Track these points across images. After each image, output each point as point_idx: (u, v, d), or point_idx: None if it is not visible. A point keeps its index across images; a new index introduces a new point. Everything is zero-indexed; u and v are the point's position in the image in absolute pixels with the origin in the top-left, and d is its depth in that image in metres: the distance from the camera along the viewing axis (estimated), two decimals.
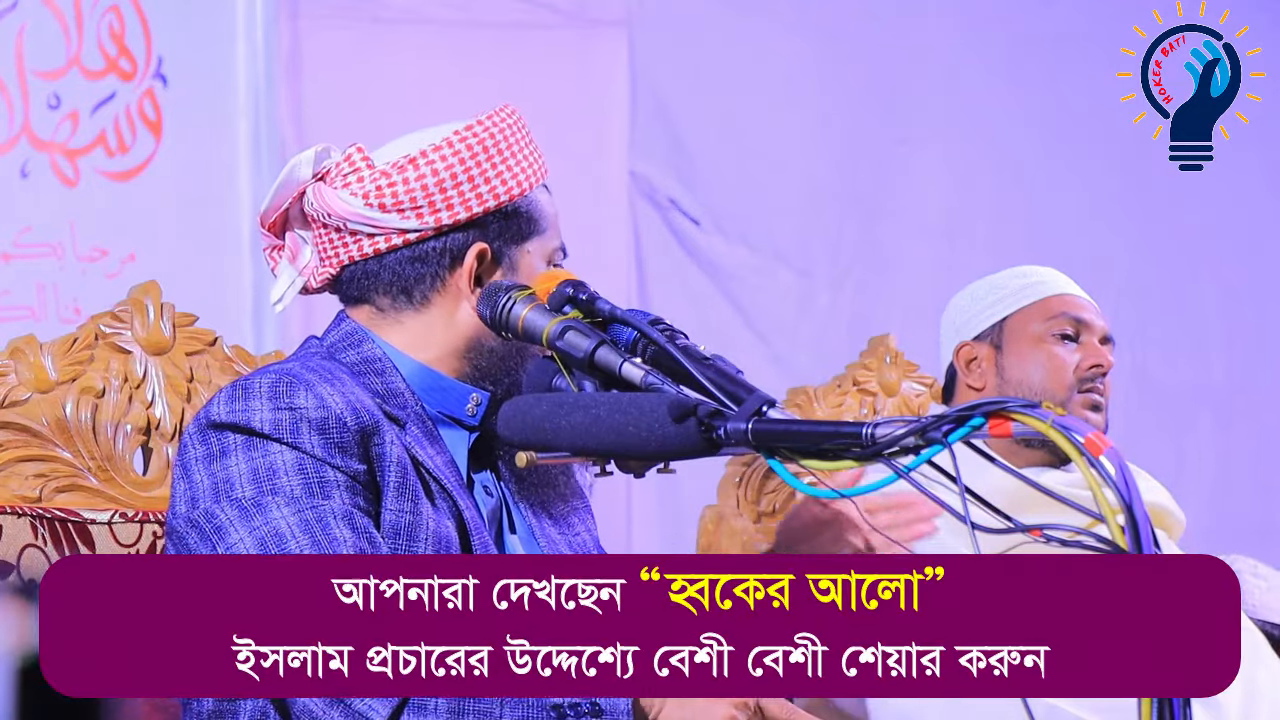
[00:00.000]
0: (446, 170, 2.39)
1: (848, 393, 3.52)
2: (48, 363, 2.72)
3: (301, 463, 2.28)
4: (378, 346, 2.42)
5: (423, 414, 2.40)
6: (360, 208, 2.38)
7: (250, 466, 2.28)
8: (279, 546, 2.23)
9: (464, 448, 2.43)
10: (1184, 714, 1.74)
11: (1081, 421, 1.77)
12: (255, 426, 2.29)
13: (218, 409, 2.32)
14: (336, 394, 2.31)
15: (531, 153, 2.46)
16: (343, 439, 2.29)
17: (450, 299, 2.42)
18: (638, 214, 4.91)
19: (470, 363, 2.43)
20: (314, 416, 2.29)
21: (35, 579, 2.59)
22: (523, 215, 2.43)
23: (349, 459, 2.29)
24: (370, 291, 2.44)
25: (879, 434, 1.85)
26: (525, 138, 2.46)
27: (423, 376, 2.42)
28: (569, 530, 2.51)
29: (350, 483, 2.28)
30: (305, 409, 2.29)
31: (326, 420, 2.29)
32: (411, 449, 2.35)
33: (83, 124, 4.14)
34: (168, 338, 2.81)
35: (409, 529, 2.31)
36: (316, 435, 2.28)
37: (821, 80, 5.10)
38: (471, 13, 4.70)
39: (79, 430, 2.72)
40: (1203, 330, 5.37)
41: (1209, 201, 5.26)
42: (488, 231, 2.42)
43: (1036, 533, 1.82)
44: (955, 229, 5.15)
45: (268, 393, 2.30)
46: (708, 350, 2.15)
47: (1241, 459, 5.36)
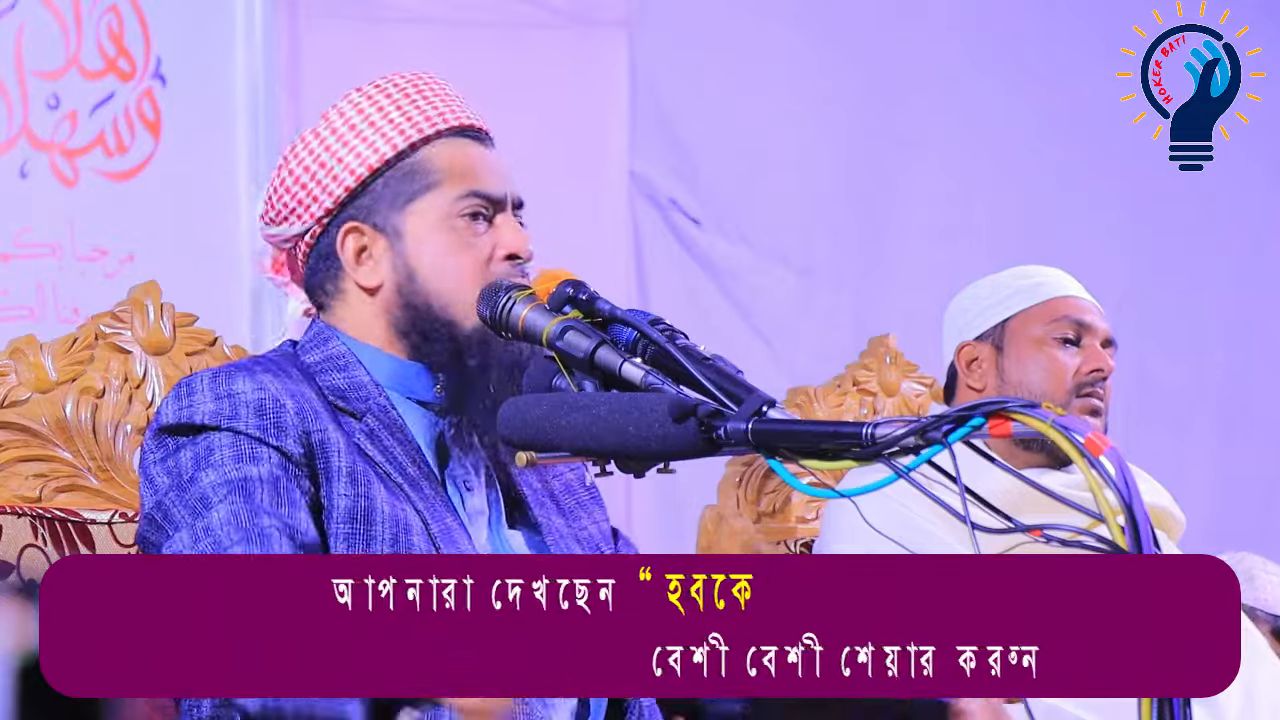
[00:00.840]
0: (300, 166, 2.46)
1: (848, 393, 3.52)
2: (48, 363, 2.72)
3: (236, 440, 2.31)
4: (341, 343, 2.45)
5: (388, 405, 2.41)
6: (266, 227, 2.51)
7: (193, 454, 2.32)
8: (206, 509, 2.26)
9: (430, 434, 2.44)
10: (1184, 714, 1.74)
11: (1081, 421, 1.77)
12: (198, 421, 2.33)
13: (166, 412, 2.37)
14: (277, 382, 2.35)
15: (398, 114, 2.45)
16: (280, 420, 2.32)
17: (354, 283, 2.45)
18: (638, 214, 4.91)
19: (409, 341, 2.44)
20: (251, 399, 2.33)
21: (35, 579, 2.59)
22: (402, 178, 2.44)
23: (285, 439, 2.31)
24: (315, 293, 2.50)
25: (879, 434, 1.85)
26: (388, 102, 2.46)
27: (382, 362, 2.44)
28: (576, 524, 2.51)
29: (283, 461, 2.31)
30: (243, 394, 2.33)
31: (264, 402, 2.33)
32: (359, 439, 2.37)
33: (82, 124, 4.14)
34: (168, 338, 2.81)
35: (365, 514, 2.33)
36: (253, 416, 2.32)
37: (822, 80, 5.10)
38: (471, 13, 4.70)
39: (79, 430, 2.72)
40: (1203, 330, 5.37)
41: (1209, 201, 5.25)
42: (360, 209, 2.45)
43: (1036, 533, 1.82)
44: (956, 229, 5.15)
45: (209, 385, 2.35)
46: (708, 350, 2.15)
47: (1241, 459, 5.36)
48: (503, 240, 2.42)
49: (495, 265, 2.41)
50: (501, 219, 2.44)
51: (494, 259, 2.42)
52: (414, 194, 2.43)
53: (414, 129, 2.44)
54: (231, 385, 2.34)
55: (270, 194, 2.49)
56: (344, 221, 2.45)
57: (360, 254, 2.45)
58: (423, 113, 2.45)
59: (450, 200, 2.43)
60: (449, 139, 2.45)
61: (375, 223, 2.44)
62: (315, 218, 2.46)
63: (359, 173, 2.44)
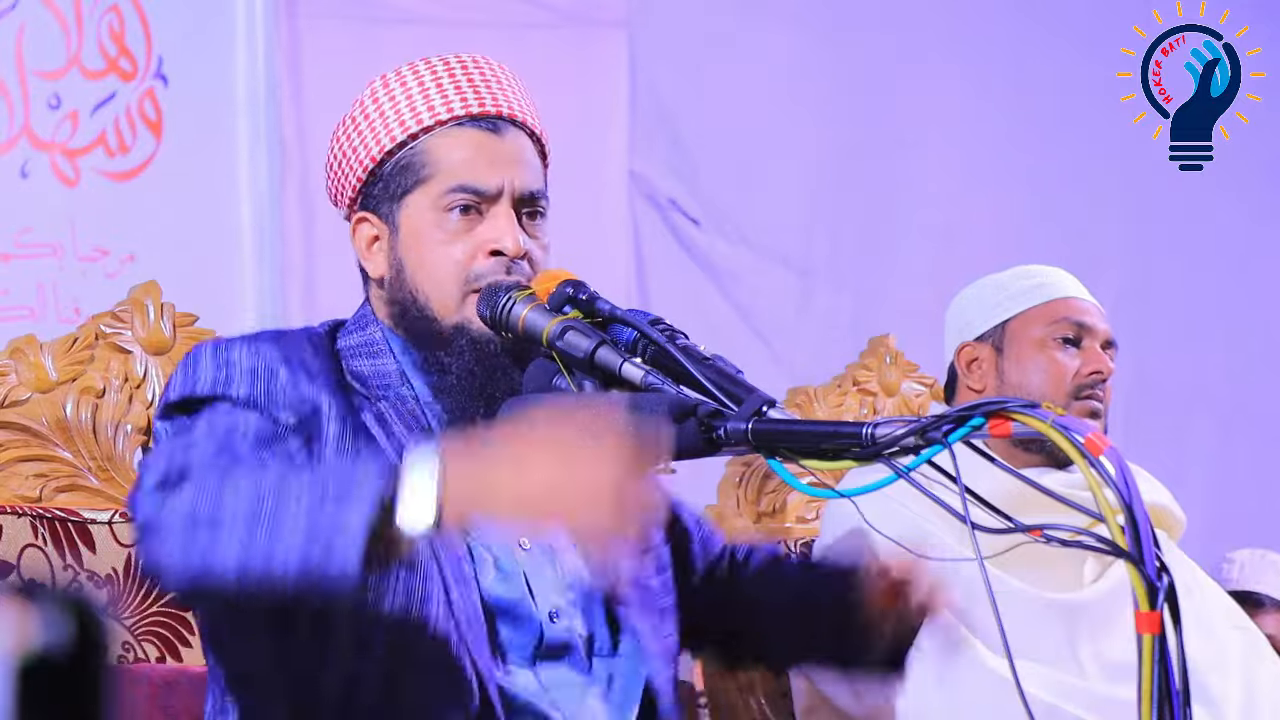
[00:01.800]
0: (331, 154, 2.47)
1: (848, 393, 3.52)
2: (48, 363, 2.73)
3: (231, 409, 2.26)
4: (379, 328, 2.43)
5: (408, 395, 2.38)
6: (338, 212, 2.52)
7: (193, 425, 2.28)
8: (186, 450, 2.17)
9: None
10: (1184, 714, 1.74)
11: (1081, 421, 1.77)
12: (199, 392, 2.28)
13: (173, 385, 2.32)
14: (275, 350, 2.31)
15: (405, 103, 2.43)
16: (270, 387, 2.28)
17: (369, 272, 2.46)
18: (638, 214, 4.91)
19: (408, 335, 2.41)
20: (245, 366, 2.29)
21: (35, 579, 2.59)
22: (400, 171, 2.42)
23: (275, 406, 2.27)
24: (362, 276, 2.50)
25: (879, 434, 1.85)
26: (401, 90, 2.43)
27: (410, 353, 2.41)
28: None
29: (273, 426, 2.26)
30: (238, 362, 2.29)
31: (256, 369, 2.29)
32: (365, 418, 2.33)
33: (83, 124, 4.14)
34: (168, 338, 2.81)
35: None
36: (245, 383, 2.27)
37: (822, 80, 5.10)
38: (471, 13, 4.70)
39: (79, 430, 2.72)
40: (1201, 330, 5.37)
41: (1209, 202, 5.26)
42: (371, 198, 2.44)
43: (1036, 533, 1.82)
44: (954, 229, 5.15)
45: (210, 355, 2.31)
46: (708, 350, 2.15)
47: (1240, 460, 5.36)
48: (489, 235, 2.36)
49: (479, 262, 2.35)
50: (494, 211, 2.38)
51: (478, 255, 2.36)
52: (409, 187, 2.40)
53: (414, 120, 2.41)
54: (230, 354, 2.30)
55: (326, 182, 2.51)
56: (361, 209, 2.45)
57: (371, 244, 2.44)
58: (428, 102, 2.42)
59: (438, 194, 2.39)
60: (453, 129, 2.41)
61: (381, 214, 2.43)
62: (347, 204, 2.47)
63: (365, 163, 2.43)
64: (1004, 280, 3.28)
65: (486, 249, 2.36)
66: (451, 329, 2.36)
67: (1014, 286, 3.26)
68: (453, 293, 2.36)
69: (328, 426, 2.29)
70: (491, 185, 2.38)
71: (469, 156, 2.40)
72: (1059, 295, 3.24)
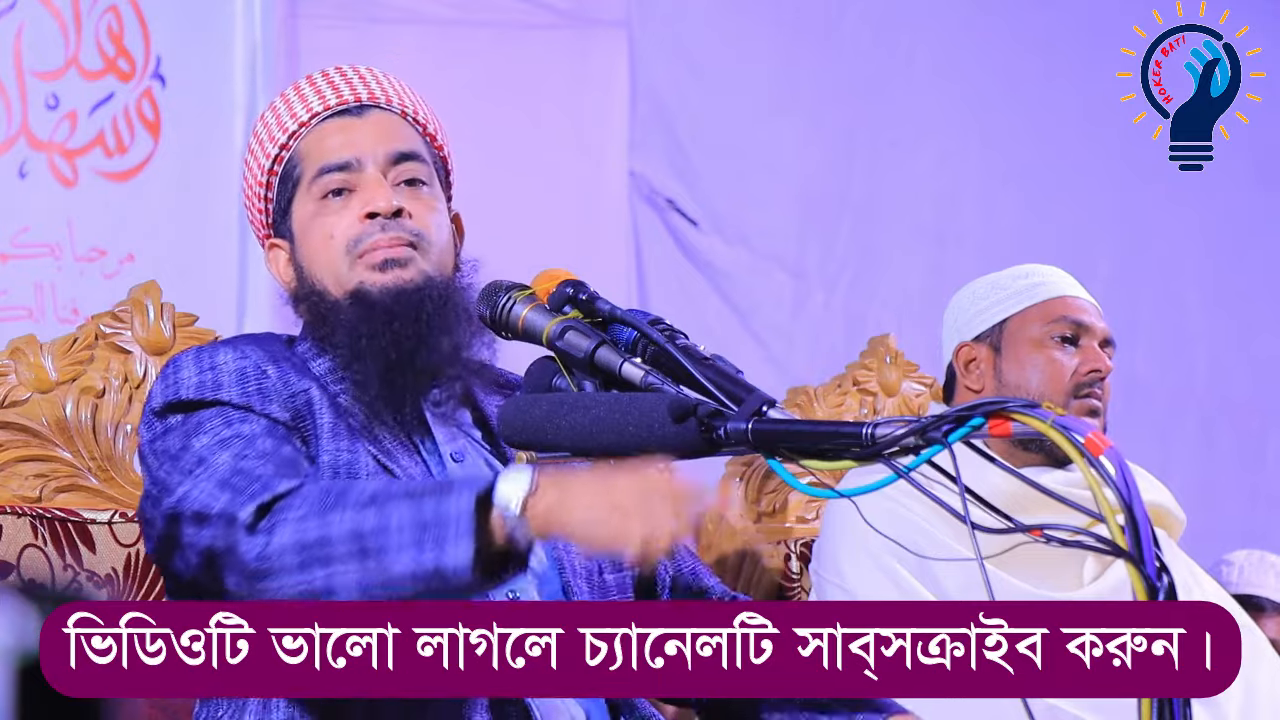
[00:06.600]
0: (243, 197, 2.55)
1: (848, 393, 3.52)
2: (48, 363, 2.72)
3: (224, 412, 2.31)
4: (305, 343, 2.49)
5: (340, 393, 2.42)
6: None
7: (183, 431, 2.32)
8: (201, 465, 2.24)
9: None
10: (1184, 714, 1.74)
11: (1081, 421, 1.77)
12: (185, 397, 2.33)
13: (155, 394, 2.37)
14: (259, 350, 2.37)
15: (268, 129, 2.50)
16: (262, 386, 2.33)
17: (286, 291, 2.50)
18: (637, 214, 4.91)
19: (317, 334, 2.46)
20: (233, 368, 2.34)
21: (35, 579, 2.59)
22: (282, 183, 2.50)
23: (270, 405, 2.32)
24: None
25: (879, 434, 1.85)
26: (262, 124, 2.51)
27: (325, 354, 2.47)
28: None
29: (271, 425, 2.30)
30: (225, 364, 2.34)
31: (245, 370, 2.34)
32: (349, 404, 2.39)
33: (81, 124, 4.14)
34: (168, 338, 2.81)
35: (348, 466, 2.34)
36: (236, 386, 2.32)
37: (820, 81, 5.10)
38: (470, 13, 4.70)
39: (79, 430, 2.72)
40: (1187, 331, 5.37)
41: (1209, 202, 5.26)
42: (274, 224, 2.51)
43: (1037, 533, 1.82)
44: (949, 230, 5.15)
45: (192, 361, 2.36)
46: (707, 350, 2.15)
47: (1226, 461, 5.36)
48: (360, 202, 2.43)
49: (354, 227, 2.42)
50: (363, 182, 2.45)
51: (354, 224, 2.43)
52: (292, 194, 2.48)
53: (281, 130, 2.49)
54: (215, 358, 2.35)
55: None
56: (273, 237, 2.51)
57: (286, 265, 2.50)
58: (291, 111, 2.49)
59: (309, 186, 2.47)
60: (315, 127, 2.48)
61: (282, 232, 2.50)
62: (263, 237, 2.54)
63: (259, 190, 2.50)
64: (1001, 280, 3.28)
65: (361, 214, 2.42)
66: (348, 300, 2.41)
67: (1011, 286, 3.25)
68: (341, 266, 2.42)
69: (321, 416, 2.34)
70: (350, 156, 2.46)
71: (329, 142, 2.47)
72: (1056, 294, 3.23)
